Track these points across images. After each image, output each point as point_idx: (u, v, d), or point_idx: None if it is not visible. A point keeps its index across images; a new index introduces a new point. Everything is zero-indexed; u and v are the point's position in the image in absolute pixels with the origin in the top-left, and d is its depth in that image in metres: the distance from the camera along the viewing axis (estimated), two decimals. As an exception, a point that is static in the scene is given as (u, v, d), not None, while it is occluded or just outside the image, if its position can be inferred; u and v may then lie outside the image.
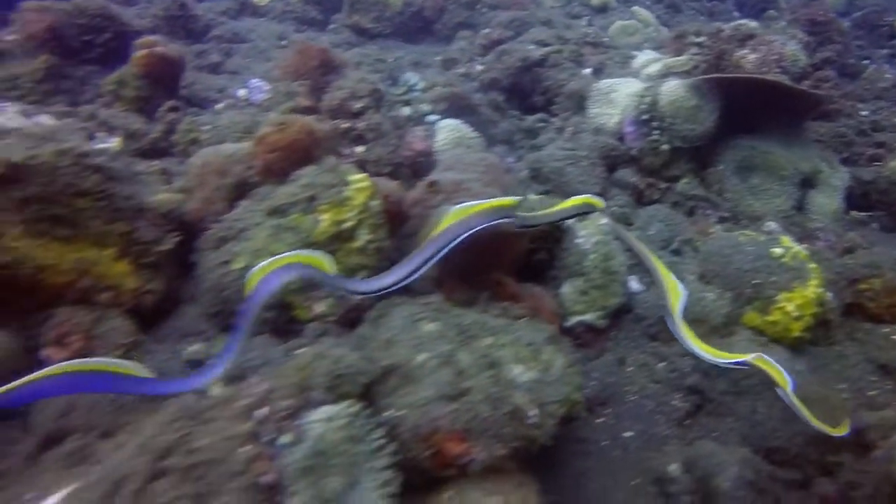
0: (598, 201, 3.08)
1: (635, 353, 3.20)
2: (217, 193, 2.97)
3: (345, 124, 3.71)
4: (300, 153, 3.00)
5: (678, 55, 5.09)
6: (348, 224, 2.81)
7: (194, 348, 2.67)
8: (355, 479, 1.91)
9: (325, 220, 2.78)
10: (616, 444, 2.82)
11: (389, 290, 2.51)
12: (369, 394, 2.15)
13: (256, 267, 2.26)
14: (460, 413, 2.07)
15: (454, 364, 2.21)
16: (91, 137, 3.65)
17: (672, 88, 4.31)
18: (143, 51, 4.27)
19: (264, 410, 1.76)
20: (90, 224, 2.57)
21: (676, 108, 4.24)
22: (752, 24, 5.23)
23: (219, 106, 4.37)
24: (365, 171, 2.97)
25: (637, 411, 2.95)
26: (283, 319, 2.78)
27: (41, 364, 2.35)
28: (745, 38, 4.93)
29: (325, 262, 2.38)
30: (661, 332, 3.23)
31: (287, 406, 1.83)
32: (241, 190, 2.99)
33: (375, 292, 2.51)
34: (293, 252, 2.37)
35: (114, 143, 3.60)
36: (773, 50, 4.86)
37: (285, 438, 1.74)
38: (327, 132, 3.13)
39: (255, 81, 4.40)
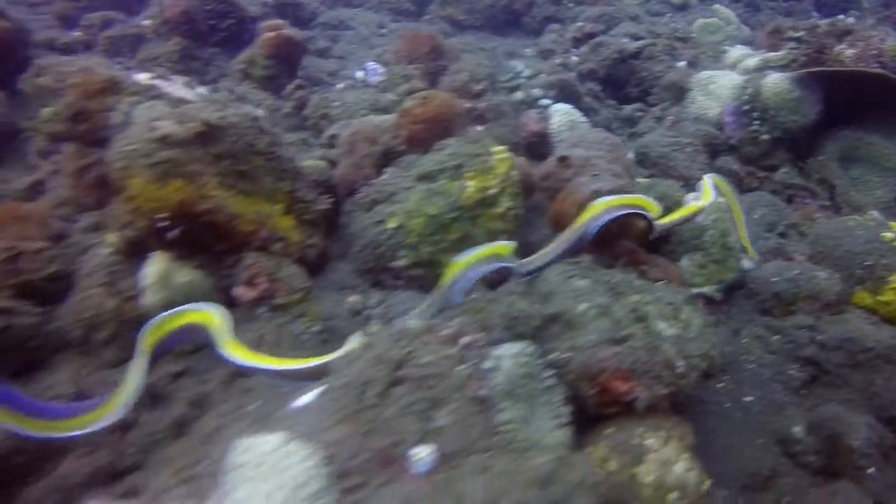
0: (719, 181, 3.27)
1: (749, 325, 3.34)
2: (366, 160, 3.22)
3: (466, 104, 3.92)
4: (442, 125, 3.23)
5: (774, 50, 5.19)
6: (492, 191, 3.03)
7: (353, 299, 2.91)
8: (532, 411, 2.12)
9: (471, 187, 3.00)
10: (737, 406, 2.98)
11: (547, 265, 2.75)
12: (534, 338, 2.36)
13: (460, 257, 2.55)
14: (624, 356, 2.26)
15: (610, 315, 2.40)
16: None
17: (775, 81, 4.42)
18: (270, 33, 4.56)
19: (467, 338, 1.98)
20: (264, 181, 2.83)
21: (780, 101, 4.36)
22: (849, 20, 5.30)
23: (339, 86, 4.64)
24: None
25: (755, 378, 3.10)
26: (431, 276, 3.01)
27: (231, 301, 2.62)
28: (842, 34, 5.01)
29: (510, 250, 2.66)
30: (773, 307, 3.37)
31: (481, 337, 2.05)
32: (387, 158, 3.23)
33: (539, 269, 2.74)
34: (488, 245, 2.67)
35: (260, 113, 3.88)
36: (871, 45, 4.92)
37: (488, 364, 1.96)
38: (464, 108, 3.35)
39: (371, 64, 4.65)
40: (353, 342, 2.31)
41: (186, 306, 2.42)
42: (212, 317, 2.36)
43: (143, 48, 4.95)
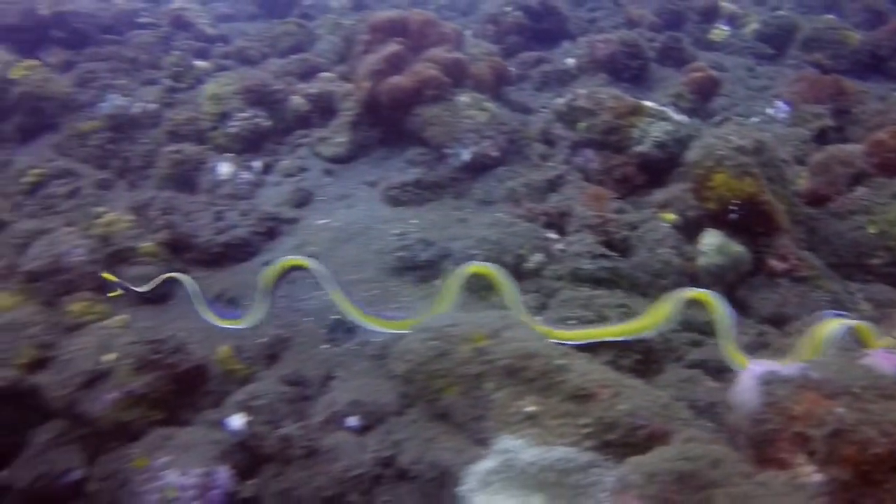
0: None
1: None
2: (840, 178, 4.03)
3: None
4: (909, 155, 3.95)
5: None
6: (962, 212, 3.68)
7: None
8: None
9: (947, 207, 3.69)
10: None
11: None
12: None
13: None
14: None
15: None
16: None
17: None
18: (697, 73, 5.57)
19: None
20: (776, 183, 3.76)
21: None
22: None
23: (753, 119, 5.52)
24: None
25: None
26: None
27: (765, 268, 3.56)
28: None
29: None
30: None
31: None
32: (857, 178, 4.01)
33: None
34: None
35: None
36: None
37: None
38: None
39: (780, 103, 5.47)
40: None
41: None
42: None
43: (572, 83, 6.24)
